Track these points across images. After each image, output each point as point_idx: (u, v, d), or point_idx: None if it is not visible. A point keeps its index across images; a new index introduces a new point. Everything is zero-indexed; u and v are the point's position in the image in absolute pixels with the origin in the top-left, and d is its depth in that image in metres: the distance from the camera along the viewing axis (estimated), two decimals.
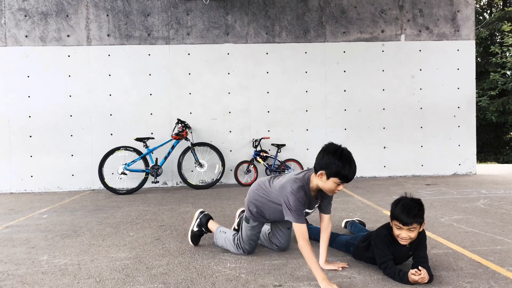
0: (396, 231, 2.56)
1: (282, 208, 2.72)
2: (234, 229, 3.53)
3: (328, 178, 2.56)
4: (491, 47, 17.49)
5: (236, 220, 3.60)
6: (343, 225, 3.84)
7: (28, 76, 7.40)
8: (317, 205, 2.87)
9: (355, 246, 2.96)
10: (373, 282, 2.50)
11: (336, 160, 2.50)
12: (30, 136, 7.39)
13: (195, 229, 3.39)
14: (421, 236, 2.61)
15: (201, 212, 3.49)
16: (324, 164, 2.55)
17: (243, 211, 3.60)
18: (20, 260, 3.13)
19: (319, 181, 2.62)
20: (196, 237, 3.40)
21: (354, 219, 3.79)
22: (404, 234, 2.53)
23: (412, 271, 2.38)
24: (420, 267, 2.39)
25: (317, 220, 3.55)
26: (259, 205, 3.00)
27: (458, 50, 7.96)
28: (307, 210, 2.79)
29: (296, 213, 2.60)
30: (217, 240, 3.27)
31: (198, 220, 3.41)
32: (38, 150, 7.41)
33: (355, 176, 7.82)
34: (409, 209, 2.51)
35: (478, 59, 19.19)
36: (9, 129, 7.37)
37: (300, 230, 2.55)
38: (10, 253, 3.35)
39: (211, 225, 3.39)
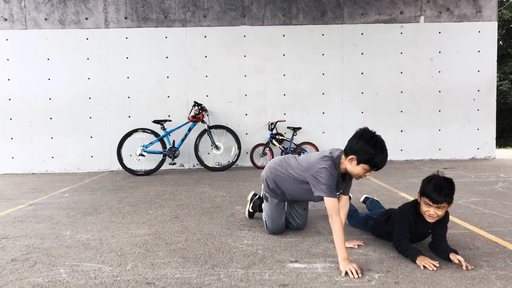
0: (424, 208, 2.55)
1: (310, 186, 2.72)
2: (249, 212, 3.61)
3: (358, 163, 2.55)
4: None
5: (249, 205, 3.61)
6: (362, 199, 3.86)
7: (48, 59, 7.52)
8: (342, 189, 2.86)
9: (374, 219, 2.98)
10: (389, 259, 2.53)
11: (370, 148, 2.48)
12: (51, 118, 7.55)
13: (251, 210, 3.60)
14: (445, 215, 2.61)
15: (255, 195, 3.64)
16: (357, 150, 2.52)
17: (254, 195, 3.63)
18: (45, 235, 3.24)
19: (349, 164, 2.61)
20: (252, 215, 3.64)
21: (374, 198, 3.81)
22: (432, 212, 2.51)
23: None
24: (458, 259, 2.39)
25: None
26: (280, 180, 2.98)
27: (479, 31, 7.78)
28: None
29: (328, 188, 2.58)
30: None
31: (252, 204, 3.59)
32: (58, 131, 7.57)
33: None
34: (441, 188, 2.48)
35: (500, 42, 18.71)
36: (30, 111, 7.53)
37: (332, 205, 2.53)
38: (35, 228, 3.47)
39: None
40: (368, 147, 2.48)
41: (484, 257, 2.52)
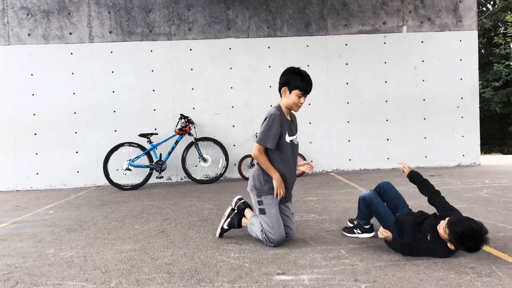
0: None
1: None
2: (222, 228, 3.38)
3: (290, 92, 3.06)
4: (495, 38, 17.40)
5: (224, 220, 3.40)
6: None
7: (32, 74, 7.45)
8: (297, 133, 3.26)
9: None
10: (375, 269, 2.52)
11: (294, 75, 3.03)
12: (35, 134, 7.45)
13: (226, 227, 3.37)
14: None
15: (232, 211, 3.42)
16: (285, 81, 3.07)
17: (232, 210, 3.43)
18: (27, 254, 3.17)
19: (284, 98, 3.11)
20: (223, 233, 3.40)
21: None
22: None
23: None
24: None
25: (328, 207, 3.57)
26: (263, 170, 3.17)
27: (460, 40, 7.93)
28: (292, 138, 3.16)
29: (263, 134, 3.03)
30: (251, 232, 3.23)
31: (229, 219, 3.37)
32: (43, 147, 7.47)
33: (359, 168, 7.83)
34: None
35: (482, 50, 19.09)
36: (14, 127, 7.43)
37: (257, 147, 3.05)
38: (17, 247, 3.40)
39: (244, 222, 3.34)
40: (293, 75, 3.04)
41: (470, 264, 2.53)
